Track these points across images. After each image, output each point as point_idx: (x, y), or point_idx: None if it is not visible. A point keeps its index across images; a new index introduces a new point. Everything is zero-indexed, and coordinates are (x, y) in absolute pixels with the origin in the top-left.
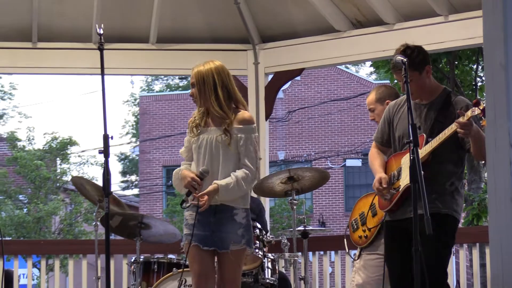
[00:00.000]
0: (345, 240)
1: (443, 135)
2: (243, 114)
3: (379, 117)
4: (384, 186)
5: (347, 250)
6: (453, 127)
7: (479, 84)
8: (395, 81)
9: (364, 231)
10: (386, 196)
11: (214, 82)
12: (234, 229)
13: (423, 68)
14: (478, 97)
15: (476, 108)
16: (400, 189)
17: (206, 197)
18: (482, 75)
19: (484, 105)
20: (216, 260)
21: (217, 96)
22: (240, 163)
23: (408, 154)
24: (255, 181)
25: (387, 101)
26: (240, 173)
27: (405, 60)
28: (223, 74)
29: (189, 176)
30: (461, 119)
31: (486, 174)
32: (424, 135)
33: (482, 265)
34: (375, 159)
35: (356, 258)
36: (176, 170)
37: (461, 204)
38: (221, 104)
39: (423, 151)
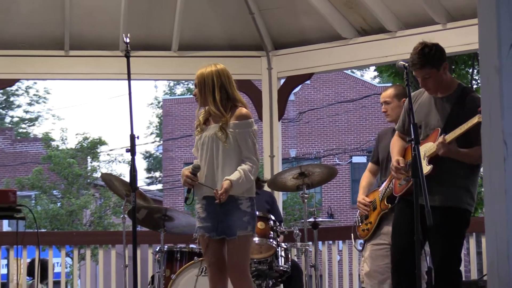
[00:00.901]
0: (351, 232)
1: (459, 129)
2: (240, 110)
3: (392, 111)
4: (402, 165)
5: (353, 241)
6: (471, 122)
7: (475, 86)
8: (397, 83)
9: (366, 224)
10: (401, 177)
11: (213, 83)
12: (240, 217)
13: (441, 65)
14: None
15: (478, 116)
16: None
17: (223, 192)
18: (477, 78)
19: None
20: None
21: (214, 97)
22: (242, 156)
23: (424, 144)
24: (258, 169)
25: (403, 99)
26: (245, 166)
27: (406, 64)
28: (223, 76)
29: (184, 175)
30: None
31: (482, 169)
32: (439, 130)
33: (478, 253)
34: (395, 146)
35: (361, 250)
36: (183, 169)
37: (475, 196)
38: (217, 105)
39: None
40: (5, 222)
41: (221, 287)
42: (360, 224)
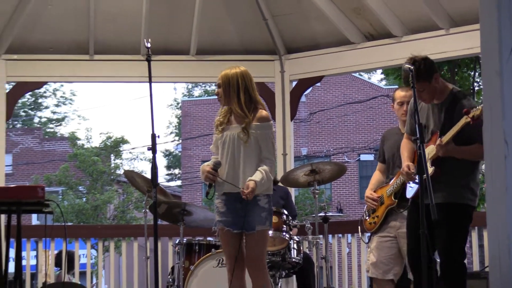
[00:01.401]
0: (359, 226)
1: (452, 131)
2: (261, 113)
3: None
4: (412, 170)
5: (360, 235)
6: (460, 123)
7: (476, 88)
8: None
9: (373, 218)
10: (413, 180)
11: (238, 85)
12: (258, 213)
13: (432, 77)
14: (468, 108)
15: (467, 117)
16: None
17: (250, 191)
18: (479, 80)
19: (474, 113)
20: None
21: (239, 98)
22: (261, 156)
23: (429, 147)
24: (276, 169)
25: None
26: (266, 167)
27: (412, 67)
28: (246, 79)
29: (205, 171)
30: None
31: (483, 167)
32: (438, 132)
33: (480, 246)
34: (404, 149)
35: (367, 242)
36: (202, 165)
37: (476, 191)
38: (242, 105)
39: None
40: (34, 216)
41: (239, 278)
42: (367, 217)
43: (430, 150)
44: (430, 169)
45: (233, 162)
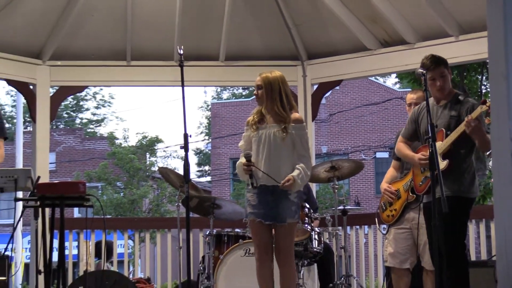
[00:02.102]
0: (376, 218)
1: (458, 130)
2: (296, 114)
3: None
4: (426, 158)
5: (377, 226)
6: (476, 111)
7: (484, 91)
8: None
9: (391, 211)
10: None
11: (279, 88)
12: (289, 206)
13: (448, 67)
14: (485, 99)
15: (484, 105)
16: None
17: (289, 182)
18: (486, 84)
19: (490, 102)
20: (273, 232)
21: (281, 99)
22: (298, 154)
23: (437, 143)
24: (311, 165)
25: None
26: (302, 164)
27: (424, 72)
28: (285, 83)
29: (241, 164)
30: (468, 118)
31: (490, 163)
32: (444, 130)
33: (488, 237)
34: (406, 149)
35: (385, 233)
36: (237, 163)
37: (477, 186)
38: (284, 106)
39: (445, 143)
40: (76, 209)
41: (267, 266)
42: (384, 210)
43: (438, 146)
44: (444, 163)
45: (269, 158)
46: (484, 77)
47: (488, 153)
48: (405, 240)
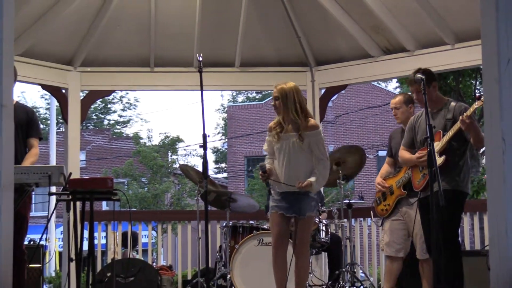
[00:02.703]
0: (371, 211)
1: (455, 127)
2: (311, 121)
3: (402, 115)
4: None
5: (372, 218)
6: (458, 124)
7: (477, 95)
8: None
9: (385, 205)
10: (424, 163)
11: (294, 98)
12: (309, 202)
13: (430, 83)
14: (479, 93)
15: (478, 100)
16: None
17: (305, 185)
18: (479, 88)
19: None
20: (293, 225)
21: (296, 108)
22: (316, 158)
23: (435, 143)
24: (329, 166)
25: (410, 105)
26: (320, 167)
27: (423, 77)
28: (299, 92)
29: (260, 175)
30: (463, 116)
31: (484, 161)
32: (441, 131)
33: (481, 228)
34: (407, 154)
35: (380, 225)
36: (260, 164)
37: (469, 182)
38: (299, 115)
39: (442, 141)
40: (104, 203)
41: (282, 254)
42: (379, 204)
43: (435, 145)
44: (441, 159)
45: (289, 165)
46: (478, 82)
47: (481, 151)
48: (400, 230)
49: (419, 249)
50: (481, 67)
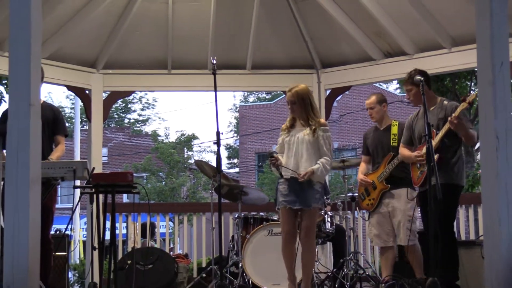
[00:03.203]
0: (356, 206)
1: (445, 127)
2: (321, 120)
3: (376, 114)
4: (421, 154)
5: (359, 214)
6: (459, 108)
7: (462, 97)
8: (377, 92)
9: (370, 200)
10: (422, 161)
11: (309, 99)
12: (313, 194)
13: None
14: (465, 96)
15: (464, 102)
16: (425, 170)
17: (307, 174)
18: (474, 89)
19: (469, 99)
20: (300, 217)
21: (312, 108)
22: (321, 152)
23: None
24: (332, 163)
25: (384, 104)
26: (323, 160)
27: (422, 79)
28: (310, 93)
29: (270, 161)
30: (451, 117)
31: (478, 157)
32: (434, 130)
33: (475, 220)
34: (406, 151)
35: (367, 219)
36: (269, 150)
37: (464, 176)
38: (314, 114)
39: (435, 141)
40: (125, 195)
41: (291, 247)
42: (363, 199)
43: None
44: (435, 156)
45: (297, 156)
46: (472, 84)
47: (476, 147)
48: (387, 222)
49: (402, 236)
50: (476, 69)
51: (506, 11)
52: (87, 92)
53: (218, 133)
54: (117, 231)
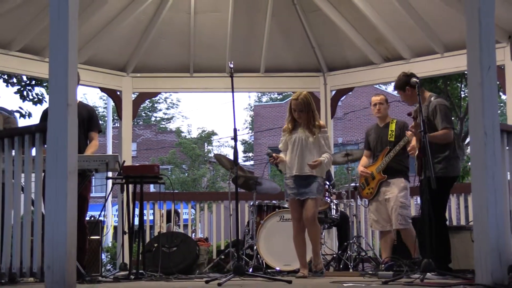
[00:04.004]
0: (358, 195)
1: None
2: (321, 123)
3: (384, 110)
4: (368, 172)
5: (361, 203)
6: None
7: (463, 95)
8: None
9: (369, 189)
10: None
11: (312, 104)
12: (316, 186)
13: (404, 87)
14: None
15: (414, 120)
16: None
17: (317, 162)
18: (464, 90)
19: (414, 114)
20: (305, 205)
21: (313, 113)
22: (322, 151)
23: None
24: (332, 161)
25: (388, 104)
26: (326, 155)
27: (418, 81)
28: (312, 98)
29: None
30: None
31: (468, 150)
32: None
33: (466, 207)
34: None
35: (367, 206)
36: (267, 152)
37: (456, 167)
38: (315, 117)
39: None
40: (151, 185)
41: (301, 234)
42: (363, 188)
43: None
44: (416, 151)
45: (301, 154)
46: (463, 85)
47: (466, 142)
48: (384, 209)
49: (394, 221)
50: (466, 72)
51: (493, 20)
52: (118, 93)
53: (235, 130)
54: (144, 218)
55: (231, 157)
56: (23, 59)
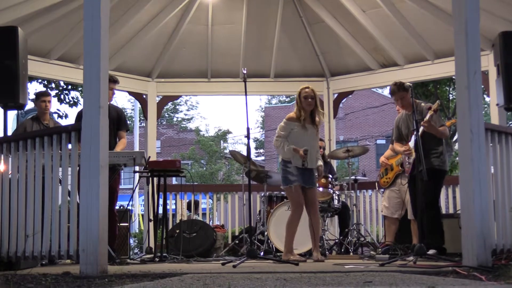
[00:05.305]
0: (376, 183)
1: (427, 118)
2: (321, 118)
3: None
4: (388, 163)
5: (377, 189)
6: (428, 114)
7: (451, 98)
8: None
9: (386, 178)
10: (409, 154)
11: (316, 97)
12: (316, 178)
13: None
14: (430, 104)
15: (430, 110)
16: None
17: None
18: (452, 93)
19: (434, 108)
20: (306, 193)
21: (318, 106)
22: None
23: (412, 136)
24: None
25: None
26: (320, 162)
27: (411, 85)
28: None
29: (300, 151)
30: (423, 122)
31: (456, 147)
32: (413, 130)
33: (454, 197)
34: (398, 147)
35: (383, 193)
36: (287, 148)
37: (445, 159)
38: (319, 112)
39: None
40: (174, 178)
41: (298, 218)
42: (382, 177)
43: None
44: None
45: (312, 150)
46: (451, 88)
47: (454, 139)
48: (395, 198)
49: (409, 212)
50: (454, 77)
51: (478, 31)
52: (144, 96)
53: (248, 129)
54: (168, 207)
55: (245, 153)
56: (61, 67)
